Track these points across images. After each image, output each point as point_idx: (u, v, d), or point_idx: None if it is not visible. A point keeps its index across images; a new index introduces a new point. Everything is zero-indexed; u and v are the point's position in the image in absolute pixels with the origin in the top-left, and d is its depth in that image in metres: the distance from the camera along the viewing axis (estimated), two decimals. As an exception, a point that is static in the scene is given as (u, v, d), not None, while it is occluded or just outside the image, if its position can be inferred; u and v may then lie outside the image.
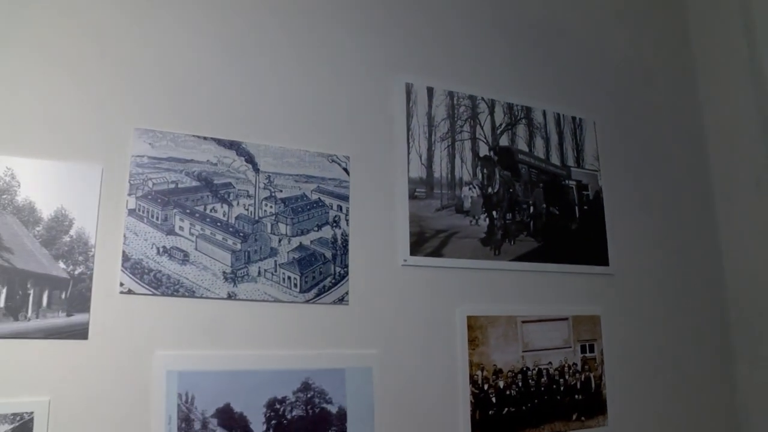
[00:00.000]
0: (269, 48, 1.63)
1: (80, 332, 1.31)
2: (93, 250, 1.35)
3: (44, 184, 1.33)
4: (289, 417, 1.46)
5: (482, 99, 1.89)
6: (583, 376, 1.87)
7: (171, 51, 1.51)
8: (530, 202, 1.91)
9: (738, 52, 2.20)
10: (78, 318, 1.31)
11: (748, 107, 2.15)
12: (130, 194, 1.40)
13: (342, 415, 1.51)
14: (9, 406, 1.20)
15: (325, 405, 1.50)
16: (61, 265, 1.32)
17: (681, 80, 2.33)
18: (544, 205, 1.93)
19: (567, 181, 1.99)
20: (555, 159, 1.98)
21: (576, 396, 1.84)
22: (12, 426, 1.20)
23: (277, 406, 1.45)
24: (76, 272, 1.33)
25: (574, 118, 2.04)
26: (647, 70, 2.26)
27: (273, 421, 1.44)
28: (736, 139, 2.20)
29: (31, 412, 1.22)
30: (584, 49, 2.14)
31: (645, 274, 2.06)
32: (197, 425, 1.37)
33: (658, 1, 2.38)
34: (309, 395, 1.49)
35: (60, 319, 1.30)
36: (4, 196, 1.29)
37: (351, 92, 1.71)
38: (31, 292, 1.28)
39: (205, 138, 1.49)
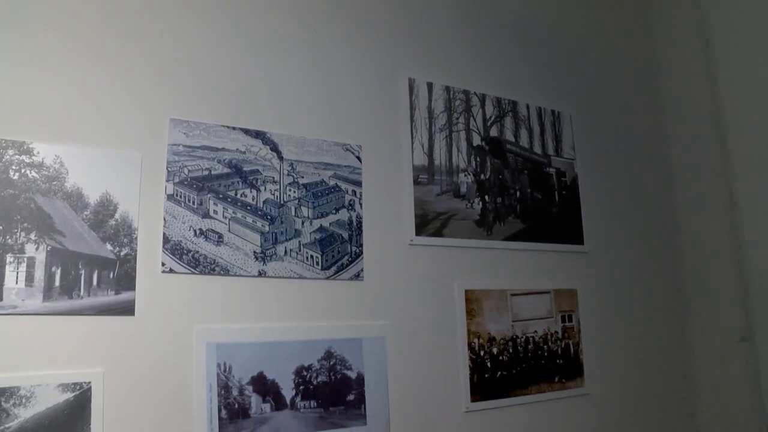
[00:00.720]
0: (290, 47, 1.75)
1: (128, 309, 1.41)
2: (136, 232, 1.45)
3: (90, 171, 1.42)
4: (315, 383, 1.61)
5: (474, 93, 2.07)
6: (563, 343, 2.10)
7: (202, 48, 1.61)
8: (517, 187, 2.11)
9: (695, 56, 2.47)
10: (125, 296, 1.41)
11: (704, 104, 2.43)
12: (167, 180, 1.51)
13: (360, 379, 1.67)
14: (70, 377, 1.31)
15: (345, 371, 1.66)
16: (108, 246, 1.41)
17: (646, 79, 2.59)
18: (529, 190, 2.14)
19: (548, 169, 2.20)
20: (537, 148, 2.19)
21: (557, 361, 2.07)
22: (74, 394, 1.30)
23: (305, 373, 1.60)
24: (122, 253, 1.43)
25: (553, 112, 2.25)
26: (617, 70, 2.51)
27: (301, 387, 1.59)
28: (693, 131, 2.48)
29: (89, 382, 1.32)
30: (563, 51, 2.36)
31: (615, 252, 2.31)
32: (235, 392, 1.50)
33: (626, 12, 2.62)
34: (332, 363, 1.64)
35: (109, 297, 1.40)
36: (55, 183, 1.38)
37: (362, 87, 1.86)
38: (83, 272, 1.38)
39: (233, 128, 1.61)
